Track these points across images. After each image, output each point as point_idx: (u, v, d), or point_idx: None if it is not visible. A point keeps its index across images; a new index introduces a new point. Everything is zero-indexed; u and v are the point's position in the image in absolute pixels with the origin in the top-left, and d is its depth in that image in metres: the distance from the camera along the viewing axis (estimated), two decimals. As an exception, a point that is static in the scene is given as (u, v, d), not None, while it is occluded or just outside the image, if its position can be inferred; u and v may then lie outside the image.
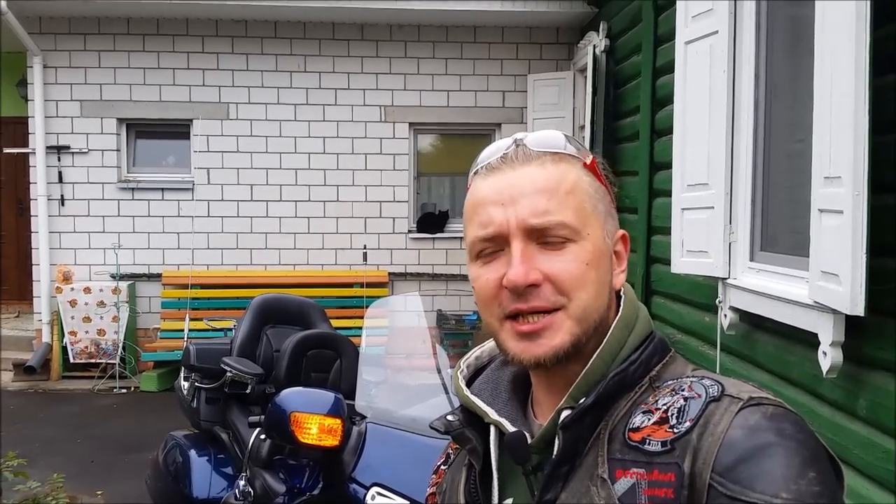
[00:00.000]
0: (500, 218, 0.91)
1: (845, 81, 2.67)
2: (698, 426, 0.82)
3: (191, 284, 7.76)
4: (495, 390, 1.03)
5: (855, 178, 2.64)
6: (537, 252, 0.90)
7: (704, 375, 0.90)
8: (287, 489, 2.72)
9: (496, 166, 0.95)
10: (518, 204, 0.91)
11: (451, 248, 8.33)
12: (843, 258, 2.68)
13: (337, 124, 8.14)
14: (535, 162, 0.93)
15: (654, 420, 0.85)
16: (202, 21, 7.94)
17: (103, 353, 7.82)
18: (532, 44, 8.23)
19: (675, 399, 0.86)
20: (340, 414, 2.36)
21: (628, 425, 0.87)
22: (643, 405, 0.88)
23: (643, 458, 0.83)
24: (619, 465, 0.85)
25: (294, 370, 3.36)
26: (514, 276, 0.89)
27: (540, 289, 0.89)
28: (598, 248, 0.93)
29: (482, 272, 0.94)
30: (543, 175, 0.92)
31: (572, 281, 0.90)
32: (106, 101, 7.99)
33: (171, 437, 3.84)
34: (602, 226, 0.95)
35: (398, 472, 2.35)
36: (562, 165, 0.94)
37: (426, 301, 7.72)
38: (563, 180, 0.93)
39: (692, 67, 4.08)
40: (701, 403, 0.84)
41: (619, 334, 0.93)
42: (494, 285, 0.92)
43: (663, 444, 0.83)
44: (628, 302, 0.97)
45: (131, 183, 8.09)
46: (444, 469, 1.13)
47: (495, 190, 0.93)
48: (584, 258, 0.91)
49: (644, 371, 0.92)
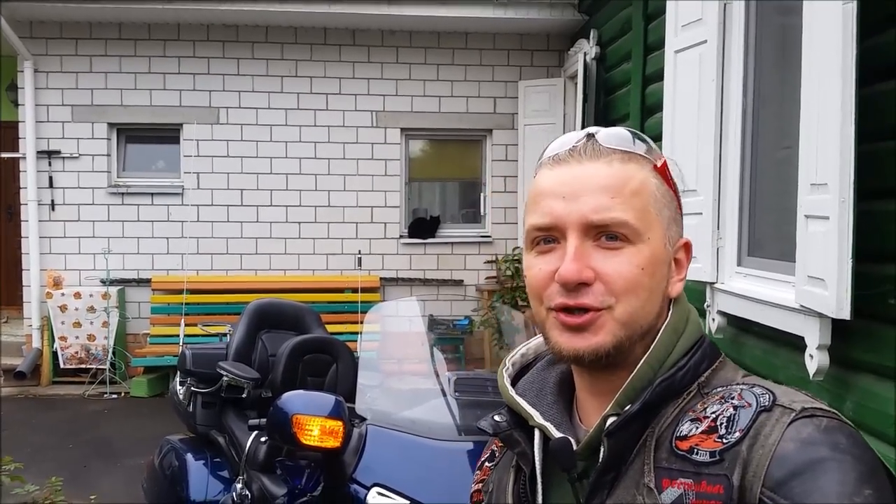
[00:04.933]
0: (560, 210, 0.89)
1: (832, 90, 2.74)
2: (748, 437, 0.79)
3: (186, 290, 7.76)
4: (541, 391, 1.01)
5: (841, 185, 2.70)
6: (592, 250, 0.89)
7: (755, 383, 0.87)
8: (288, 490, 2.76)
9: (563, 158, 0.93)
10: (580, 199, 0.89)
11: (443, 253, 8.37)
12: (829, 263, 2.75)
13: (328, 129, 8.17)
14: (604, 159, 0.91)
15: (703, 429, 0.83)
16: (193, 26, 7.96)
17: (93, 358, 7.81)
18: (523, 50, 8.29)
19: (725, 407, 0.84)
20: (342, 416, 2.40)
21: (675, 433, 0.85)
22: (691, 412, 0.86)
23: (691, 467, 0.81)
24: (666, 474, 0.83)
25: (290, 374, 3.39)
26: (566, 272, 0.87)
27: (591, 287, 0.88)
28: (655, 254, 0.91)
29: (536, 262, 0.93)
30: (610, 172, 0.90)
31: (624, 284, 0.88)
32: (97, 106, 7.99)
33: (166, 442, 3.86)
34: (664, 232, 0.92)
35: (398, 472, 2.39)
36: (630, 165, 0.92)
37: (419, 306, 7.80)
38: (630, 180, 0.90)
39: (681, 76, 4.14)
40: (752, 413, 0.81)
41: (667, 339, 0.91)
42: (546, 277, 0.90)
43: (712, 454, 0.80)
44: (679, 307, 0.95)
45: (121, 188, 8.09)
46: (489, 466, 1.11)
47: (559, 182, 0.91)
48: (639, 262, 0.89)
49: (692, 377, 0.90)
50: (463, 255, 8.40)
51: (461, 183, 8.84)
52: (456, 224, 8.65)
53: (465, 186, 8.81)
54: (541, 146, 4.26)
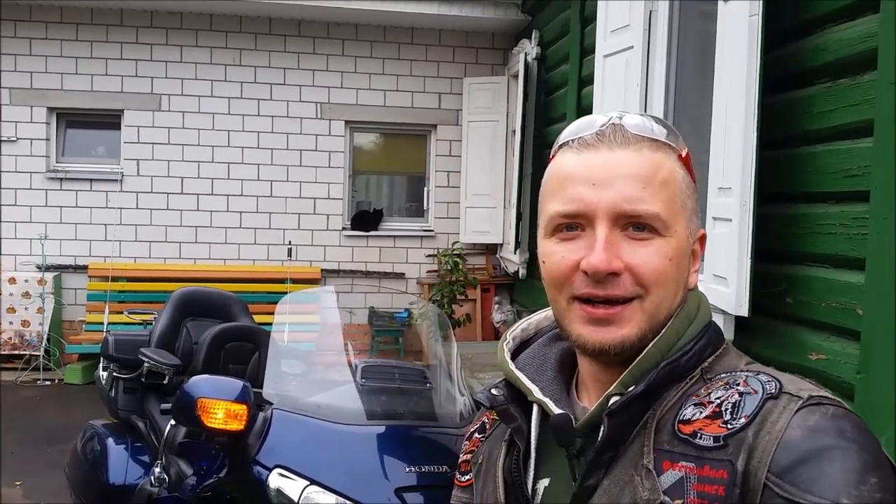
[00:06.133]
0: (590, 197, 0.87)
1: (738, 99, 2.87)
2: (754, 424, 0.79)
3: (111, 277, 7.68)
4: (541, 367, 1.00)
5: (743, 189, 2.84)
6: (621, 240, 0.87)
7: (760, 370, 0.87)
8: (194, 472, 2.81)
9: (592, 143, 0.90)
10: (612, 187, 0.87)
11: (385, 246, 8.42)
12: (730, 263, 2.89)
13: (272, 119, 8.16)
14: (633, 146, 0.89)
15: (707, 414, 0.83)
16: (137, 12, 7.87)
17: (27, 344, 7.70)
18: (468, 48, 8.38)
19: (730, 393, 0.83)
20: (247, 400, 2.46)
21: (678, 417, 0.85)
22: (694, 397, 0.86)
23: (693, 451, 0.81)
24: (668, 456, 0.82)
25: (211, 361, 3.43)
26: (597, 262, 0.85)
27: (619, 278, 0.86)
28: (681, 246, 0.90)
29: (557, 249, 0.90)
30: (641, 161, 0.88)
31: (654, 275, 0.87)
32: (36, 90, 7.87)
33: (89, 426, 3.87)
34: (688, 223, 0.91)
35: (301, 454, 2.45)
36: (659, 154, 0.90)
37: (358, 298, 7.85)
38: (660, 169, 0.89)
39: (609, 80, 4.27)
40: (758, 400, 0.81)
41: (678, 325, 0.90)
42: (570, 265, 0.88)
43: (716, 439, 0.80)
44: (692, 294, 0.94)
45: (60, 173, 7.98)
46: (479, 437, 1.10)
47: (589, 167, 0.89)
48: (668, 253, 0.88)
49: (696, 362, 0.89)
50: (405, 249, 8.46)
51: (405, 177, 8.90)
52: (399, 217, 8.71)
53: (409, 180, 8.87)
54: (484, 143, 4.43)
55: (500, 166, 7.95)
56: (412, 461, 2.47)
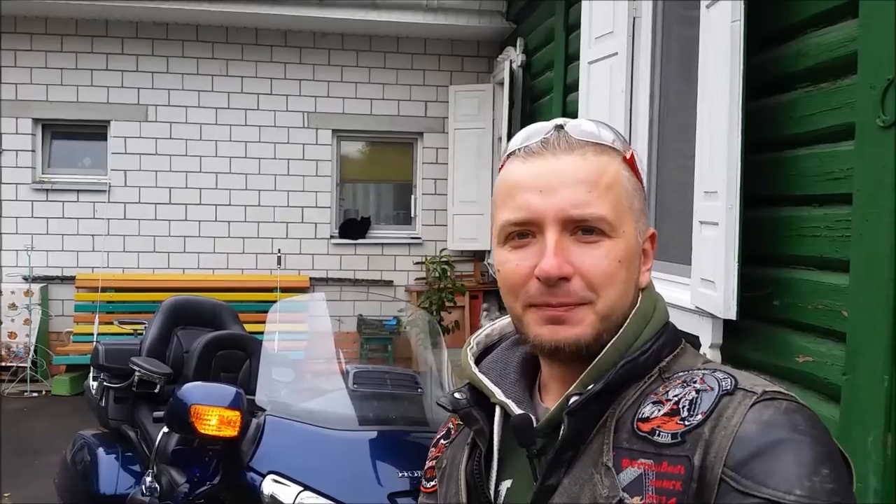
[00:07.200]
0: (537, 205, 0.89)
1: (722, 104, 2.90)
2: (711, 420, 0.80)
3: (101, 287, 7.66)
4: (504, 370, 1.02)
5: (728, 193, 2.86)
6: (571, 244, 0.89)
7: (717, 368, 0.88)
8: (187, 479, 2.81)
9: (536, 151, 0.92)
10: (557, 193, 0.89)
11: (373, 253, 8.44)
12: (717, 266, 2.91)
13: (259, 129, 8.17)
14: (578, 151, 0.91)
15: (665, 411, 0.84)
16: (122, 23, 7.87)
17: (14, 356, 7.67)
18: (454, 56, 8.42)
19: (687, 391, 0.85)
20: (240, 407, 2.47)
21: (637, 415, 0.86)
22: (653, 395, 0.87)
23: (652, 449, 0.82)
24: (627, 454, 0.84)
25: (203, 370, 3.43)
26: (548, 268, 0.87)
27: (570, 283, 0.88)
28: (630, 247, 0.91)
29: (510, 257, 0.92)
30: (585, 166, 0.90)
31: (603, 278, 0.89)
32: (21, 101, 7.85)
33: (79, 436, 3.86)
34: (636, 224, 0.93)
35: (294, 460, 2.46)
36: (603, 157, 0.92)
37: (346, 306, 7.85)
38: (605, 173, 0.90)
39: (594, 86, 4.30)
40: (714, 397, 0.82)
41: (635, 326, 0.92)
42: (524, 273, 0.90)
43: (673, 436, 0.81)
44: (647, 294, 0.96)
45: (46, 184, 7.95)
46: (444, 443, 1.12)
47: (534, 175, 0.91)
48: (617, 255, 0.90)
49: (654, 361, 0.91)
50: (393, 256, 8.48)
51: (393, 185, 8.92)
52: (387, 225, 8.73)
53: (396, 188, 8.90)
54: (471, 150, 4.44)
55: (486, 173, 7.97)
56: (405, 466, 2.49)
